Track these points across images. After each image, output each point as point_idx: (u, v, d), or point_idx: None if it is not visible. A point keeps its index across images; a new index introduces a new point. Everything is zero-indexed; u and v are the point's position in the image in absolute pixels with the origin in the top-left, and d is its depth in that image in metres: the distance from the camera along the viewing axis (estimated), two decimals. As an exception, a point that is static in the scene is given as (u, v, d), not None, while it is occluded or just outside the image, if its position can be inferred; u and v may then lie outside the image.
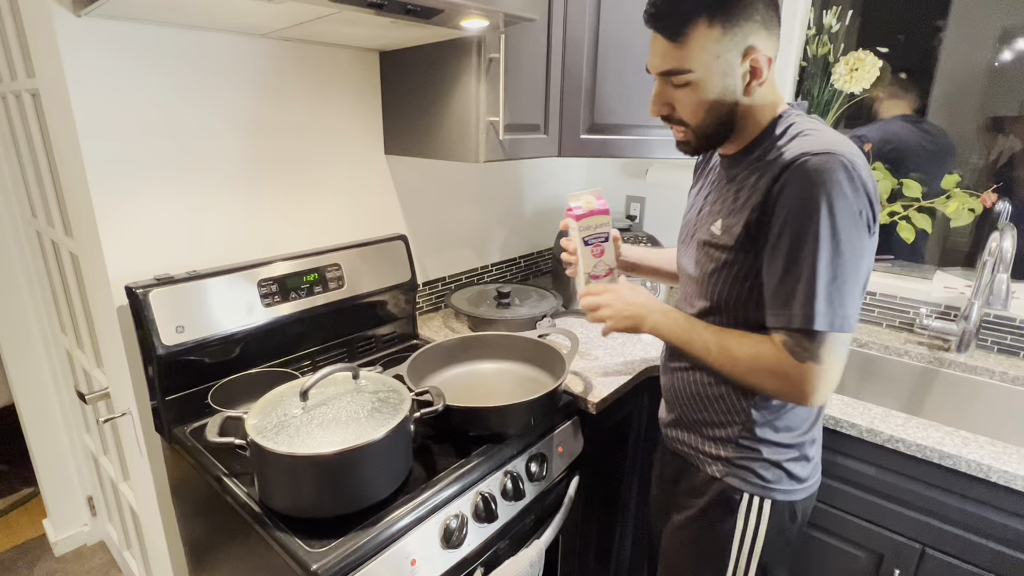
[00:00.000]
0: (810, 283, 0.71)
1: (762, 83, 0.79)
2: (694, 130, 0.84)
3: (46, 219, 1.45)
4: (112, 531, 1.85)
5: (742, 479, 0.90)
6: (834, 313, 0.72)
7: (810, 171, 0.71)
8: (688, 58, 0.77)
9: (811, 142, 0.74)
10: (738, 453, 0.90)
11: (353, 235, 1.42)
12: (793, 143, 0.77)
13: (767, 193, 0.76)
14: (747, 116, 0.82)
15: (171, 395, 1.07)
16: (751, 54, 0.77)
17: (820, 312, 0.72)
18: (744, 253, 0.81)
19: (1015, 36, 1.39)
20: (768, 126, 0.83)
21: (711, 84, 0.78)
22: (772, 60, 0.78)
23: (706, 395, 0.93)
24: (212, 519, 1.01)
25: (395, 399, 0.91)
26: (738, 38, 0.76)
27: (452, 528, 0.89)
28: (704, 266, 0.89)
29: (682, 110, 0.83)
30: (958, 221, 1.41)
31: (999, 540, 0.99)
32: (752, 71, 0.78)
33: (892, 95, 1.54)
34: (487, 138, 1.21)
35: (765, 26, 0.77)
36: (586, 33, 1.34)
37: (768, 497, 0.89)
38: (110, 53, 0.98)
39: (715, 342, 0.84)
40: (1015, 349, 1.41)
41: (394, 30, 1.09)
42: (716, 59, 0.77)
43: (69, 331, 1.61)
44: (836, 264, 0.71)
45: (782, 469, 0.89)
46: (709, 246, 0.87)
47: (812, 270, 0.71)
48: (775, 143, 0.80)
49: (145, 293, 1.00)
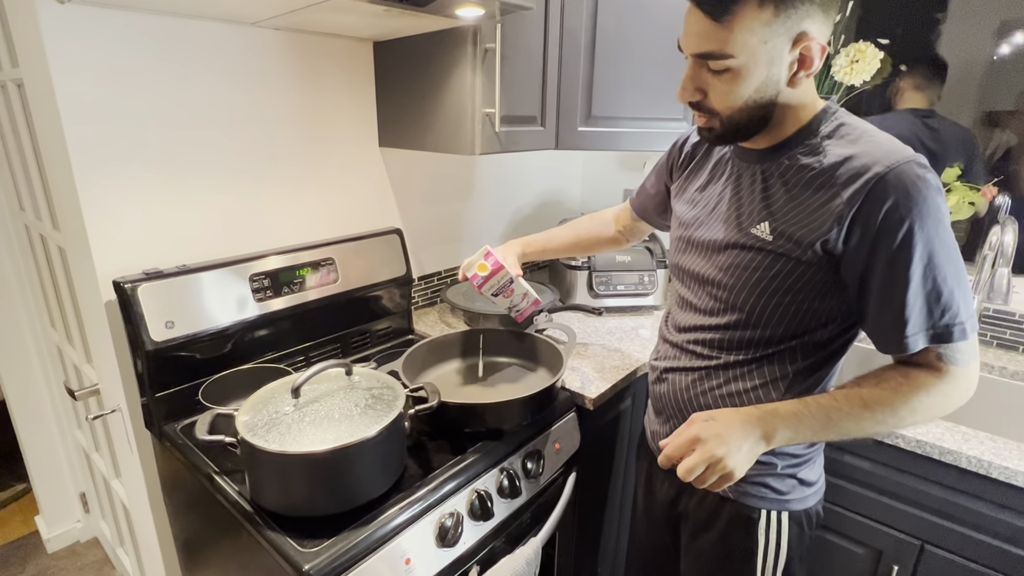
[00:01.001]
0: (950, 295, 0.68)
1: (810, 74, 0.71)
2: (724, 120, 0.75)
3: (34, 212, 1.42)
4: (105, 528, 1.84)
5: (757, 496, 0.86)
6: (971, 314, 0.70)
7: (913, 182, 0.66)
8: (732, 41, 0.68)
9: (884, 147, 0.69)
10: (752, 471, 0.82)
11: (347, 229, 1.40)
12: (860, 147, 0.70)
13: (860, 206, 0.68)
14: (787, 109, 0.74)
15: (161, 391, 1.05)
16: (803, 41, 0.68)
17: (968, 318, 0.70)
18: (808, 266, 0.74)
19: (1013, 30, 1.37)
20: (810, 122, 0.75)
21: (754, 72, 0.69)
22: (825, 49, 0.69)
23: (716, 407, 0.85)
24: (203, 517, 0.99)
25: (389, 395, 0.90)
26: (791, 21, 0.66)
27: (447, 526, 0.88)
28: (738, 272, 0.80)
29: (715, 98, 0.73)
30: (959, 214, 1.39)
31: (999, 536, 0.98)
32: (801, 60, 0.69)
33: (914, 87, 1.52)
34: (483, 130, 1.19)
35: (823, 8, 0.68)
36: (584, 23, 1.32)
37: (785, 509, 0.86)
38: (95, 42, 0.95)
39: (867, 407, 0.71)
40: (1015, 344, 1.40)
41: (388, 19, 1.07)
42: (763, 44, 0.68)
43: (59, 326, 1.59)
44: (957, 272, 0.69)
45: (795, 478, 0.86)
46: (749, 250, 0.79)
47: (946, 283, 0.68)
48: (825, 143, 0.73)
49: (133, 288, 0.98)
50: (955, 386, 0.71)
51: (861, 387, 0.74)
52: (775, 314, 0.78)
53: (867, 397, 0.72)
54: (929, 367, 0.72)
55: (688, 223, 0.91)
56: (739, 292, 0.81)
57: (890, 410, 0.71)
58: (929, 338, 0.70)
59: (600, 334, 1.49)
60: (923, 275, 0.68)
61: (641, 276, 1.63)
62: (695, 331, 0.89)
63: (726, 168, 0.87)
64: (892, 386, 0.72)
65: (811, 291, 0.76)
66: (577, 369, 1.27)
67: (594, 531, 1.39)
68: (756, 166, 0.81)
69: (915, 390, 0.71)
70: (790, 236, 0.75)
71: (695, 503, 0.93)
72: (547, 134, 1.37)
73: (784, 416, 0.72)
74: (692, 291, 0.90)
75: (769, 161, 0.79)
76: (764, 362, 0.82)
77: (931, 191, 0.66)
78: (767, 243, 0.77)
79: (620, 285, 1.63)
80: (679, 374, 0.91)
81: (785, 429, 0.72)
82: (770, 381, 0.82)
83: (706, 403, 0.87)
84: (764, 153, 0.80)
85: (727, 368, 0.85)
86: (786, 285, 0.76)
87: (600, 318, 1.61)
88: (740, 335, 0.83)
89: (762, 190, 0.79)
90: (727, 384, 0.85)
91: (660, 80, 1.38)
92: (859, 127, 0.74)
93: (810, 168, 0.74)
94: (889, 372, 0.74)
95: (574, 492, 1.16)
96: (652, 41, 1.35)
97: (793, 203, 0.75)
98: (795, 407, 0.73)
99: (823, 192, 0.72)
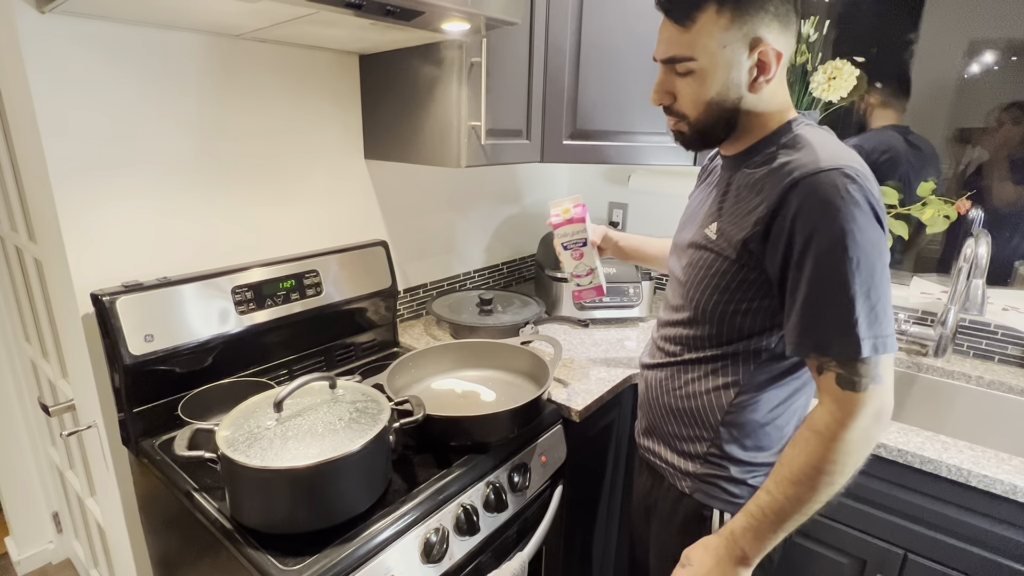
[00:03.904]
0: (841, 310, 0.67)
1: (770, 80, 0.75)
2: (691, 123, 0.80)
3: (9, 224, 1.40)
4: (79, 548, 1.78)
5: (709, 495, 0.89)
6: (875, 335, 0.67)
7: (825, 189, 0.67)
8: (693, 45, 0.74)
9: (819, 155, 0.70)
10: (706, 469, 0.89)
11: (332, 241, 1.39)
12: (800, 154, 0.73)
13: (775, 209, 0.71)
14: (751, 116, 0.79)
15: (139, 407, 1.03)
16: (758, 46, 0.73)
17: (870, 338, 0.67)
18: (738, 265, 0.78)
19: (982, 49, 1.42)
20: (775, 131, 0.79)
21: (714, 75, 0.75)
22: (782, 56, 0.74)
23: (677, 408, 0.91)
24: (181, 536, 0.97)
25: (374, 409, 0.89)
26: (747, 27, 0.72)
27: (433, 542, 0.87)
28: (691, 270, 0.86)
29: (683, 101, 0.79)
30: (934, 228, 1.43)
31: (980, 544, 1.00)
32: (760, 65, 0.74)
33: (882, 105, 1.56)
34: (469, 143, 1.20)
35: (778, 19, 0.73)
36: (568, 38, 1.34)
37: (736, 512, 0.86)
38: (76, 52, 0.94)
39: (797, 483, 0.71)
40: (990, 354, 1.43)
41: (374, 32, 1.07)
42: (722, 48, 0.73)
43: (34, 340, 1.55)
44: (859, 287, 0.67)
45: (747, 484, 0.87)
46: (701, 248, 0.84)
47: (847, 296, 0.67)
48: (779, 151, 0.76)
49: (112, 301, 0.96)
50: (856, 418, 0.68)
51: (781, 464, 0.74)
52: (716, 311, 0.83)
53: (791, 472, 0.72)
54: (826, 399, 0.71)
55: (678, 227, 0.98)
56: (693, 289, 0.86)
57: (816, 470, 0.70)
58: (811, 348, 0.71)
59: (586, 346, 1.49)
60: (812, 284, 0.69)
61: (627, 288, 1.64)
62: (666, 327, 0.95)
63: (712, 175, 0.93)
64: (802, 446, 0.72)
65: (746, 290, 0.79)
66: (563, 381, 1.27)
67: (581, 544, 1.38)
68: (728, 172, 0.86)
69: (816, 437, 0.70)
70: (727, 236, 0.80)
71: (662, 495, 0.97)
72: (532, 147, 1.38)
73: (740, 534, 0.77)
74: (672, 290, 0.96)
75: (736, 168, 0.84)
76: (719, 364, 0.86)
77: (847, 202, 0.66)
78: (712, 242, 0.82)
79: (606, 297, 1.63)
80: (654, 371, 0.96)
81: (751, 543, 0.76)
82: (722, 386, 0.85)
83: (667, 401, 0.92)
84: (734, 160, 0.85)
85: (688, 368, 0.89)
86: (724, 283, 0.81)
87: (586, 330, 1.61)
88: (692, 332, 0.87)
89: (722, 194, 0.84)
90: (688, 384, 0.89)
91: (644, 95, 1.38)
92: (814, 138, 0.75)
93: (758, 174, 0.78)
94: (798, 431, 0.74)
95: (561, 505, 1.15)
96: (636, 56, 1.37)
97: (736, 206, 0.80)
98: (744, 520, 0.77)
99: (756, 195, 0.76)
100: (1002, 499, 0.96)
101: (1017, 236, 1.44)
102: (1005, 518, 0.97)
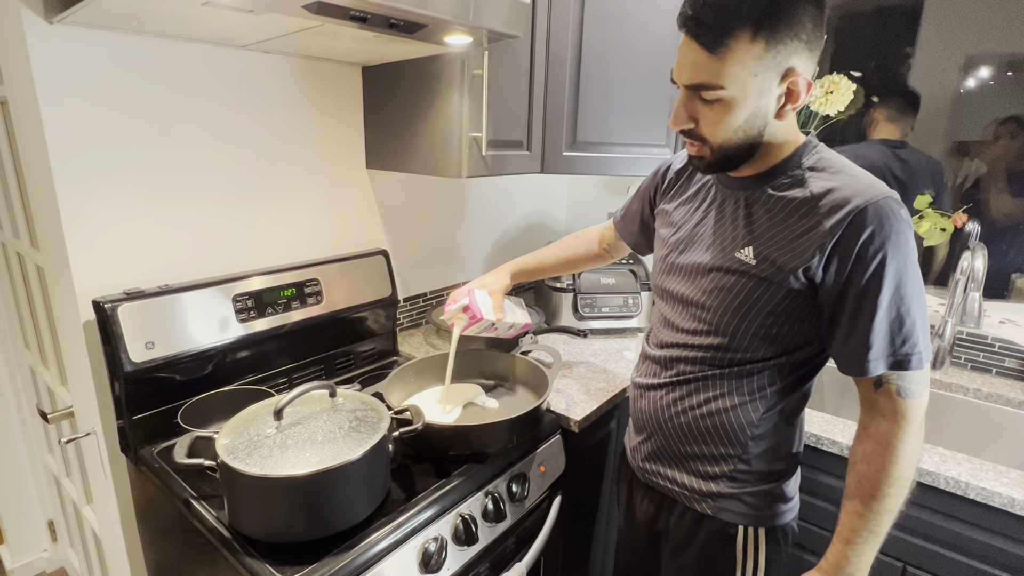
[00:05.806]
0: (912, 325, 0.72)
1: (797, 107, 0.74)
2: (714, 148, 0.77)
3: (11, 230, 1.40)
4: (73, 557, 1.77)
5: (734, 512, 0.87)
6: (927, 345, 0.74)
7: (888, 216, 0.70)
8: (724, 73, 0.70)
9: (864, 181, 0.74)
10: (730, 488, 0.87)
11: (333, 250, 1.39)
12: (840, 179, 0.74)
13: (842, 234, 0.71)
14: (772, 140, 0.77)
15: (139, 414, 1.03)
16: (791, 76, 0.71)
17: (925, 348, 0.73)
18: (786, 291, 0.76)
19: (977, 64, 1.44)
20: (794, 153, 0.79)
21: (744, 104, 0.72)
22: (811, 84, 0.73)
23: (698, 427, 0.87)
24: (179, 544, 0.96)
25: (373, 418, 0.89)
26: (780, 57, 0.70)
27: (431, 552, 0.87)
28: (721, 295, 0.82)
29: (706, 127, 0.76)
30: (931, 240, 1.44)
31: (977, 557, 1.00)
32: (788, 94, 0.73)
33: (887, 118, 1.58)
34: (470, 154, 1.21)
35: (809, 47, 0.71)
36: (569, 51, 1.35)
37: (762, 525, 0.87)
38: (82, 62, 0.95)
39: (879, 499, 0.76)
40: (987, 366, 1.43)
41: (377, 45, 1.08)
42: (754, 77, 0.70)
43: (33, 347, 1.55)
44: (920, 304, 0.73)
45: (771, 494, 0.87)
46: (733, 273, 0.81)
47: (909, 313, 0.72)
48: (807, 174, 0.77)
49: (113, 308, 0.97)
50: (915, 423, 0.75)
51: (860, 484, 0.77)
52: (756, 336, 0.81)
53: (874, 488, 0.76)
54: (887, 410, 0.75)
55: (672, 246, 0.93)
56: (723, 314, 0.82)
57: (895, 479, 0.75)
58: (889, 364, 0.74)
59: (585, 356, 1.49)
60: (890, 304, 0.72)
61: (625, 298, 1.64)
62: (677, 348, 0.90)
63: (708, 194, 0.90)
64: (876, 462, 0.75)
65: (791, 314, 0.78)
66: (562, 391, 1.27)
67: (580, 554, 1.37)
68: (740, 192, 0.83)
69: (886, 450, 0.75)
70: (773, 261, 0.77)
71: (674, 520, 0.94)
72: (533, 158, 1.40)
73: (848, 562, 0.79)
74: (676, 312, 0.91)
75: (753, 188, 0.82)
76: (744, 382, 0.84)
77: (903, 226, 0.71)
78: (751, 267, 0.79)
79: (605, 307, 1.64)
80: (659, 391, 0.92)
81: (860, 567, 0.79)
82: (748, 401, 0.84)
83: (685, 421, 0.89)
84: (748, 181, 0.82)
85: (707, 388, 0.87)
86: (768, 308, 0.79)
87: (585, 340, 1.62)
88: (722, 356, 0.84)
89: (745, 216, 0.82)
90: (707, 403, 0.87)
91: (643, 106, 1.42)
92: (838, 162, 0.78)
93: (793, 197, 0.77)
94: (860, 448, 0.78)
95: (560, 515, 1.15)
96: (636, 69, 1.38)
97: (776, 229, 0.78)
98: (842, 549, 0.79)
99: (806, 220, 0.75)
100: (999, 511, 0.96)
101: (1014, 249, 1.45)
102: (1002, 530, 0.97)
